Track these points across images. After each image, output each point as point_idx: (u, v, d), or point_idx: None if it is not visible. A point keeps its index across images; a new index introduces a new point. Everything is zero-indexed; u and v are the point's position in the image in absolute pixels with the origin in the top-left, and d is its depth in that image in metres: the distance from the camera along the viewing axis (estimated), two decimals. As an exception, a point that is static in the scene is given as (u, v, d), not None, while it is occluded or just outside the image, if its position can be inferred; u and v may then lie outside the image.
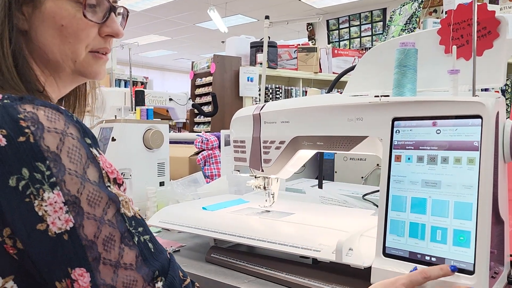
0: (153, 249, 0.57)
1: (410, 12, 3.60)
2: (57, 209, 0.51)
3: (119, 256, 0.53)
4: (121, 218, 0.55)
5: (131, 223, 0.56)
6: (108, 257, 0.52)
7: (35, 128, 0.52)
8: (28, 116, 0.52)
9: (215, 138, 1.98)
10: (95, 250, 0.52)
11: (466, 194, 0.73)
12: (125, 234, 0.54)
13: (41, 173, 0.51)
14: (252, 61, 4.43)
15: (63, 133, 0.53)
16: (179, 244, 1.20)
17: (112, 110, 1.97)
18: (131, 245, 0.54)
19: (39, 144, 0.51)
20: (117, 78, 5.55)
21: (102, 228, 0.53)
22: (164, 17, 8.23)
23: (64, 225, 0.51)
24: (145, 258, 0.55)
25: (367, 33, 7.35)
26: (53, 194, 0.51)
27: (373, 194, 1.33)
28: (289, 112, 1.03)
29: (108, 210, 0.54)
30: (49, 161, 0.51)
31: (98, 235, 0.52)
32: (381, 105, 0.85)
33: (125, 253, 0.54)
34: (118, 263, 0.53)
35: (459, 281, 0.71)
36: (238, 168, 1.18)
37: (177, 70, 13.61)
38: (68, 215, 0.51)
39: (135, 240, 0.55)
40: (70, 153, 0.53)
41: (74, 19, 0.63)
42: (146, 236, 0.57)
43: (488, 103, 0.73)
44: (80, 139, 0.55)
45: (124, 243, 0.54)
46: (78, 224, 0.51)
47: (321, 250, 0.86)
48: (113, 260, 0.53)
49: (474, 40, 0.78)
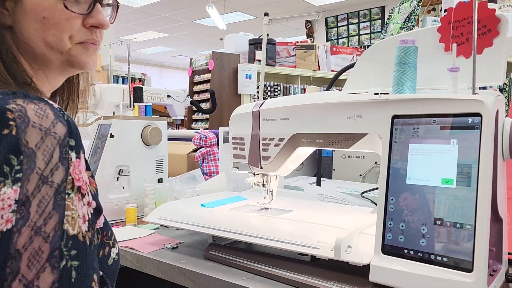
0: (74, 279, 0.51)
1: (409, 10, 3.60)
2: (6, 206, 0.48)
3: (36, 277, 0.49)
4: (60, 234, 0.51)
5: (67, 243, 0.52)
6: (26, 275, 0.48)
7: (21, 121, 0.51)
8: (16, 108, 0.52)
9: (214, 135, 1.97)
10: (17, 263, 0.48)
11: (465, 192, 0.73)
12: (55, 253, 0.50)
13: (11, 166, 0.49)
14: (250, 58, 4.43)
15: (46, 131, 0.52)
16: (177, 241, 1.20)
17: (110, 107, 1.97)
18: (55, 268, 0.50)
19: (20, 137, 0.50)
20: (115, 75, 5.54)
21: (35, 239, 0.49)
22: (163, 13, 8.21)
23: (3, 225, 0.48)
24: (61, 287, 0.50)
25: (366, 31, 7.35)
26: (11, 189, 0.49)
27: (371, 192, 1.33)
28: (288, 109, 1.03)
29: (49, 221, 0.50)
30: (23, 156, 0.50)
31: (28, 246, 0.49)
32: (380, 103, 0.85)
33: (44, 274, 0.49)
34: (32, 284, 0.48)
35: (458, 279, 0.71)
36: (237, 165, 1.18)
37: (175, 67, 13.59)
38: (12, 215, 0.48)
39: (62, 263, 0.51)
40: (45, 151, 0.52)
41: (56, 10, 0.63)
42: (75, 262, 0.52)
43: (488, 101, 0.73)
44: (64, 139, 0.54)
45: (49, 263, 0.50)
46: (17, 228, 0.48)
47: (320, 248, 0.86)
48: (29, 280, 0.48)
49: (474, 38, 0.78)
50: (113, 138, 1.53)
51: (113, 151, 1.53)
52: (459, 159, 0.74)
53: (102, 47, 3.01)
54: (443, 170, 0.76)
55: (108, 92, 2.03)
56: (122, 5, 6.57)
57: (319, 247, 0.86)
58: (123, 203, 1.50)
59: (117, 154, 1.54)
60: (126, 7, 7.53)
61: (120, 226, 1.41)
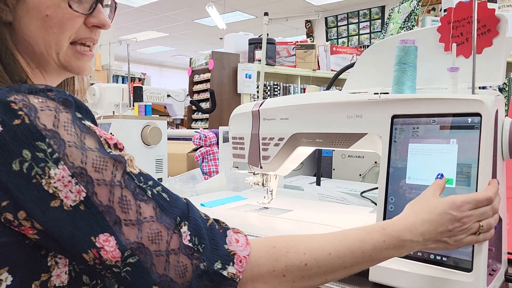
0: (168, 198, 0.57)
1: (408, 10, 3.60)
2: (66, 183, 0.51)
3: (137, 214, 0.54)
4: (128, 177, 0.55)
5: (140, 179, 0.56)
6: (128, 218, 0.53)
7: (28, 110, 0.51)
8: (18, 98, 0.52)
9: (213, 135, 1.98)
10: (113, 214, 0.52)
11: (465, 191, 0.73)
12: (137, 190, 0.55)
13: (43, 151, 0.51)
14: (250, 58, 4.43)
15: (56, 109, 0.53)
16: (177, 240, 1.20)
17: (110, 106, 1.97)
18: (146, 200, 0.55)
19: (35, 123, 0.51)
20: (115, 74, 5.55)
21: (115, 191, 0.53)
22: (162, 13, 8.21)
23: (78, 197, 0.51)
24: (163, 208, 0.56)
25: (366, 30, 7.35)
26: (58, 169, 0.51)
27: (371, 192, 1.33)
28: (288, 109, 1.03)
29: (116, 172, 0.54)
30: (48, 138, 0.51)
31: (112, 198, 0.53)
32: (380, 103, 0.85)
33: (142, 209, 0.54)
34: (139, 220, 0.53)
35: (457, 278, 0.71)
36: (237, 164, 1.18)
37: (175, 67, 13.59)
38: (78, 186, 0.51)
39: (148, 194, 0.56)
40: (66, 127, 0.53)
41: (59, 9, 0.63)
42: (158, 188, 0.58)
43: (488, 101, 0.73)
44: (73, 114, 0.55)
45: (138, 199, 0.54)
46: (91, 192, 0.52)
47: (319, 247, 0.86)
48: (133, 219, 0.53)
49: (474, 38, 0.78)
50: (113, 138, 1.53)
51: (113, 150, 1.53)
52: (459, 158, 0.75)
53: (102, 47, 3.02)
54: (443, 170, 0.76)
55: (107, 92, 2.03)
56: (122, 5, 6.51)
57: (318, 246, 0.86)
58: (123, 202, 1.50)
59: (117, 153, 1.53)
60: (126, 6, 7.53)
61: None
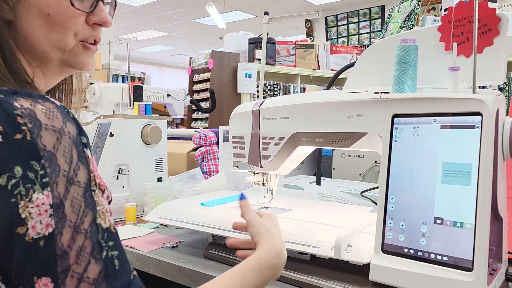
0: (118, 266, 0.54)
1: (408, 9, 3.60)
2: (42, 211, 0.49)
3: (83, 270, 0.51)
4: (96, 229, 0.53)
5: (103, 236, 0.53)
6: (77, 270, 0.50)
7: (33, 125, 0.50)
8: (25, 112, 0.50)
9: (213, 134, 1.97)
10: (66, 261, 0.50)
11: (465, 191, 0.73)
12: (96, 246, 0.52)
13: (35, 172, 0.49)
14: (250, 57, 4.42)
15: (60, 131, 0.52)
16: (177, 240, 1.20)
17: (110, 106, 1.96)
18: (98, 259, 0.52)
19: (36, 142, 0.50)
20: (115, 74, 5.54)
21: (77, 238, 0.51)
22: (162, 12, 8.20)
23: (44, 230, 0.49)
24: (107, 276, 0.52)
25: (366, 30, 7.35)
26: (42, 195, 0.49)
27: (371, 191, 1.33)
28: (288, 108, 1.03)
29: (85, 218, 0.52)
30: (44, 160, 0.50)
31: (72, 245, 0.50)
32: (381, 102, 0.85)
33: (90, 266, 0.51)
34: (82, 277, 0.50)
35: (458, 278, 0.71)
36: (237, 164, 1.18)
37: (175, 66, 13.58)
38: (50, 219, 0.49)
39: (103, 254, 0.53)
40: (65, 152, 0.51)
41: (61, 7, 0.62)
42: (115, 252, 0.54)
43: (488, 101, 0.73)
44: (76, 138, 0.54)
45: (92, 256, 0.52)
46: (58, 230, 0.49)
47: (320, 247, 0.86)
48: (79, 274, 0.50)
49: (475, 37, 0.77)
50: (112, 137, 1.53)
51: (112, 150, 1.53)
52: (459, 158, 0.74)
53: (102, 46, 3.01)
54: (443, 169, 0.75)
55: (107, 91, 2.02)
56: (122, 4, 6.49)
57: (319, 246, 0.86)
58: (123, 202, 1.50)
59: (116, 153, 1.53)
60: (126, 5, 7.52)
61: (119, 225, 1.41)
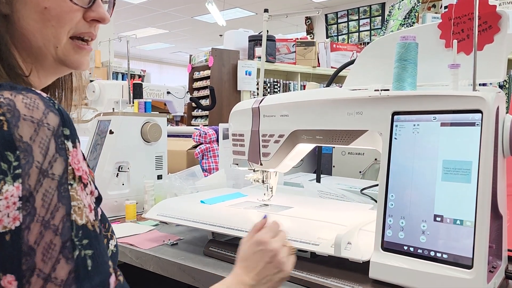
0: (91, 267, 0.51)
1: (409, 6, 3.59)
2: (10, 204, 0.47)
3: (51, 269, 0.48)
4: (68, 225, 0.50)
5: (78, 233, 0.51)
6: (43, 269, 0.48)
7: (11, 116, 0.49)
8: (4, 102, 0.50)
9: (213, 132, 1.97)
10: (32, 259, 0.47)
11: (465, 189, 0.73)
12: (67, 243, 0.50)
13: (8, 163, 0.48)
14: (250, 55, 4.41)
15: (39, 122, 0.51)
16: (177, 237, 1.20)
17: (110, 103, 1.96)
18: (69, 258, 0.49)
19: (12, 132, 0.49)
20: (115, 71, 5.53)
21: (45, 234, 0.48)
22: (162, 10, 8.19)
23: (11, 224, 0.47)
24: (78, 277, 0.50)
25: (366, 27, 7.34)
26: (13, 186, 0.48)
27: (371, 189, 1.33)
28: (288, 105, 1.03)
29: (56, 213, 0.49)
30: (19, 151, 0.49)
31: (40, 241, 0.48)
32: (381, 99, 0.85)
33: (59, 265, 0.49)
34: (50, 276, 0.48)
35: (458, 275, 0.71)
36: (237, 161, 1.18)
37: (174, 63, 13.56)
38: (18, 212, 0.47)
39: (75, 253, 0.50)
40: (41, 143, 0.50)
41: (58, 2, 0.61)
42: (88, 251, 0.51)
43: (489, 98, 0.72)
44: (57, 129, 0.52)
45: (62, 254, 0.49)
46: (25, 225, 0.47)
47: (319, 244, 0.86)
48: (46, 273, 0.48)
49: (475, 35, 0.77)
50: (112, 135, 1.53)
51: (112, 147, 1.53)
52: (459, 155, 0.74)
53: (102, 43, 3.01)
54: (443, 167, 0.75)
55: (107, 89, 2.03)
56: (121, 1, 6.48)
57: (319, 243, 0.86)
58: (123, 199, 1.50)
59: (116, 150, 1.53)
60: (126, 3, 7.50)
61: (119, 223, 1.41)
